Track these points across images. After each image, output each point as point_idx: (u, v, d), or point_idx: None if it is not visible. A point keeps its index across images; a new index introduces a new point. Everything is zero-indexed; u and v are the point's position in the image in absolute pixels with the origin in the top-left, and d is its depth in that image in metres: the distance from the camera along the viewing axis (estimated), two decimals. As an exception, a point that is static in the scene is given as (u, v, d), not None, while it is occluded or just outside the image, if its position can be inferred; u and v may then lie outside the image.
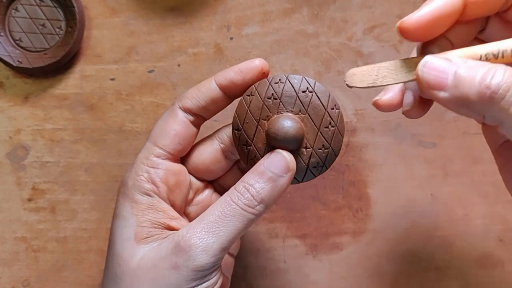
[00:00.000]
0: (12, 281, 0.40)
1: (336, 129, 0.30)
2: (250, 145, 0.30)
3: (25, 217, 0.40)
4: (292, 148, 0.29)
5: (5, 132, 0.41)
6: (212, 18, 0.41)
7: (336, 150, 0.30)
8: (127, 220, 0.29)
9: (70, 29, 0.40)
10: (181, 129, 0.30)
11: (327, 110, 0.30)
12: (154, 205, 0.29)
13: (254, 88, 0.30)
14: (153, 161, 0.30)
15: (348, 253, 0.41)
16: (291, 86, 0.30)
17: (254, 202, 0.27)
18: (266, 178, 0.27)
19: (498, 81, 0.22)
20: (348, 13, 0.41)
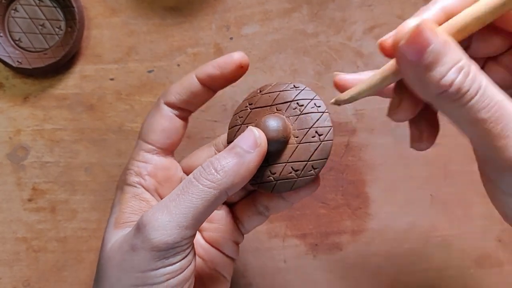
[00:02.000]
0: (12, 281, 0.40)
1: (323, 144, 0.29)
2: None
3: (25, 217, 0.41)
4: (274, 148, 0.29)
5: (5, 132, 0.41)
6: (211, 18, 0.41)
7: (317, 166, 0.29)
8: (114, 208, 0.31)
9: (69, 29, 0.40)
10: (168, 124, 0.31)
11: (315, 123, 0.29)
12: (139, 195, 0.30)
13: (246, 102, 0.31)
14: (143, 156, 0.31)
15: (347, 253, 0.41)
16: (282, 94, 0.30)
17: (216, 176, 0.26)
18: (233, 153, 0.27)
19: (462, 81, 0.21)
20: (347, 13, 0.41)
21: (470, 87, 0.21)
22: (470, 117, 0.22)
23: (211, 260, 0.33)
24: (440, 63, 0.21)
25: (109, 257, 0.27)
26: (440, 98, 0.22)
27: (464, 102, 0.21)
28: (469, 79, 0.21)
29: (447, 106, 0.22)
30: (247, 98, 0.31)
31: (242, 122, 0.31)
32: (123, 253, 0.26)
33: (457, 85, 0.21)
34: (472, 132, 0.23)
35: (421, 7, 0.25)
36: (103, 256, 0.28)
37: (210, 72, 0.30)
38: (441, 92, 0.21)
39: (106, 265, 0.27)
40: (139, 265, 0.26)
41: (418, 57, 0.21)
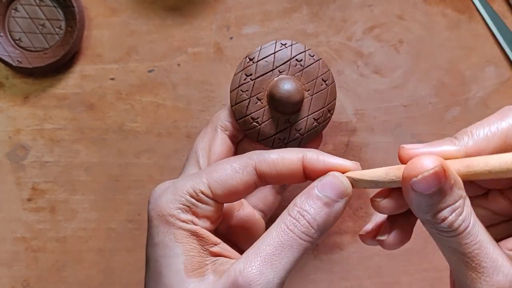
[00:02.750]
0: (11, 281, 0.40)
1: (330, 88, 0.32)
2: (259, 124, 0.31)
3: (25, 217, 0.40)
4: (295, 110, 0.31)
5: (4, 132, 0.41)
6: (212, 18, 0.41)
7: (331, 108, 0.32)
8: (171, 249, 0.26)
9: (70, 29, 0.40)
10: (245, 192, 0.28)
11: (318, 72, 0.32)
12: (197, 231, 0.27)
13: (239, 74, 0.32)
14: (200, 197, 0.27)
15: (348, 252, 0.41)
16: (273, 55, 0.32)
17: (311, 230, 0.25)
18: (321, 203, 0.25)
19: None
20: (347, 13, 0.41)
21: (459, 225, 0.23)
22: (452, 247, 0.24)
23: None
24: (442, 201, 0.23)
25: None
26: (430, 224, 0.24)
27: (450, 235, 0.23)
28: (461, 218, 0.23)
29: (434, 231, 0.24)
30: (241, 70, 0.32)
31: (249, 95, 0.31)
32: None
33: (449, 222, 0.23)
34: (451, 259, 0.25)
35: (440, 141, 0.27)
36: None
37: (319, 168, 0.28)
38: (433, 222, 0.24)
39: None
40: None
41: (426, 191, 0.23)
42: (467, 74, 0.41)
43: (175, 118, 0.41)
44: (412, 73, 0.41)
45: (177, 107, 0.41)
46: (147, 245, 0.28)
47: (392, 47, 0.41)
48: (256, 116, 0.32)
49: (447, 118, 0.41)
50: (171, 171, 0.41)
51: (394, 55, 0.41)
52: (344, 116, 0.41)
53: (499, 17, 0.41)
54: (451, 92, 0.41)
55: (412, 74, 0.41)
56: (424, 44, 0.41)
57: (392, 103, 0.41)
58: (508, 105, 0.28)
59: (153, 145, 0.41)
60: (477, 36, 0.41)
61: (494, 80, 0.41)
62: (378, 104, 0.41)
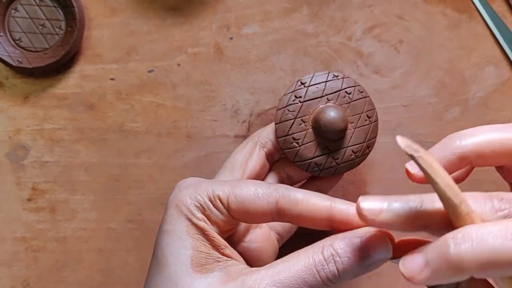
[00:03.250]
0: (11, 281, 0.40)
1: (373, 125, 0.33)
2: (299, 145, 0.32)
3: (25, 217, 0.40)
4: (338, 137, 0.32)
5: (4, 132, 0.41)
6: (212, 18, 0.41)
7: (371, 145, 0.34)
8: (182, 240, 0.27)
9: (70, 29, 0.40)
10: (259, 216, 0.28)
11: (365, 108, 0.33)
12: (208, 231, 0.27)
13: (287, 97, 0.33)
14: (217, 204, 0.28)
15: (348, 253, 0.40)
16: (326, 84, 0.33)
17: (336, 277, 0.25)
18: (359, 257, 0.25)
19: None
20: (347, 13, 0.41)
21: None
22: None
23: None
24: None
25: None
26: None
27: None
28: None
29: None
30: (292, 91, 0.33)
31: (295, 116, 0.32)
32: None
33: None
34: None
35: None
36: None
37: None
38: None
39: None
40: None
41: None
42: (467, 74, 0.41)
43: (175, 118, 0.41)
44: (412, 73, 0.41)
45: (177, 107, 0.41)
46: (158, 231, 0.29)
47: (392, 47, 0.41)
48: (298, 137, 0.32)
49: (447, 118, 0.41)
50: (171, 171, 0.41)
51: (394, 55, 0.41)
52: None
53: (499, 17, 0.41)
54: (451, 92, 0.41)
55: (412, 74, 0.41)
56: (424, 44, 0.41)
57: (392, 103, 0.41)
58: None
59: (153, 145, 0.41)
60: (477, 36, 0.41)
61: (494, 80, 0.41)
62: (378, 104, 0.41)
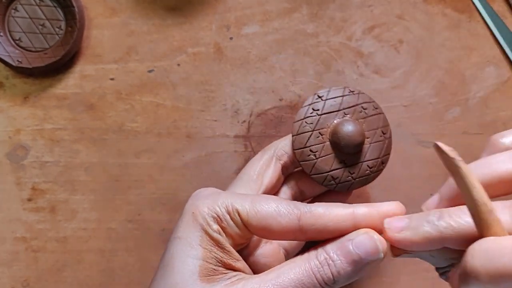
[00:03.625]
0: (11, 281, 0.40)
1: (388, 141, 0.34)
2: (316, 158, 0.32)
3: (25, 217, 0.40)
4: (355, 151, 0.32)
5: (4, 132, 0.41)
6: (212, 18, 0.41)
7: (385, 161, 0.34)
8: (193, 249, 0.27)
9: (70, 29, 0.40)
10: (279, 234, 0.28)
11: (380, 124, 0.34)
12: (222, 244, 0.27)
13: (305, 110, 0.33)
14: (234, 217, 0.28)
15: (348, 253, 0.40)
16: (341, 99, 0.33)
17: (331, 280, 0.26)
18: (350, 259, 0.26)
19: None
20: (347, 13, 0.41)
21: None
22: None
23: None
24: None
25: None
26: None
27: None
28: None
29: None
30: (309, 104, 0.33)
31: (312, 129, 0.33)
32: None
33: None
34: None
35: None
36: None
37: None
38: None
39: None
40: None
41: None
42: (467, 74, 0.41)
43: (175, 118, 0.41)
44: (412, 73, 0.41)
45: (177, 107, 0.41)
46: (171, 237, 0.29)
47: (392, 47, 0.41)
48: (315, 150, 0.33)
49: (447, 118, 0.41)
50: (171, 171, 0.41)
51: (394, 55, 0.41)
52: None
53: (499, 17, 0.41)
54: (451, 92, 0.41)
55: (412, 74, 0.41)
56: (424, 44, 0.41)
57: (392, 103, 0.41)
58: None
59: (153, 145, 0.41)
60: (477, 36, 0.41)
61: (494, 80, 0.41)
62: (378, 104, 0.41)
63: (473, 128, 0.41)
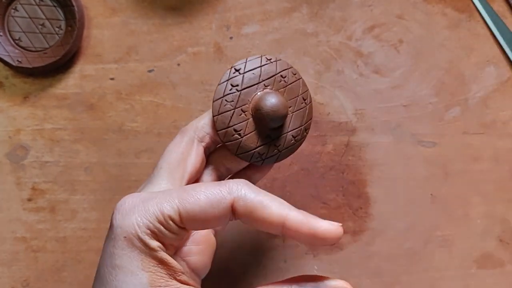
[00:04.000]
0: (11, 281, 0.40)
1: (309, 107, 0.33)
2: (241, 136, 0.31)
3: (25, 217, 0.40)
4: (280, 124, 0.31)
5: (4, 132, 0.41)
6: (212, 17, 0.41)
7: (307, 127, 0.33)
8: (137, 277, 0.25)
9: (69, 29, 0.40)
10: (215, 223, 0.26)
11: (300, 91, 0.32)
12: (166, 261, 0.25)
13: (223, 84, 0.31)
14: (169, 225, 0.25)
15: (348, 252, 0.41)
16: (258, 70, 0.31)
17: None
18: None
19: None
20: (347, 12, 0.41)
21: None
22: None
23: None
24: None
25: None
26: None
27: None
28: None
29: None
30: (227, 80, 0.31)
31: (234, 106, 0.31)
32: None
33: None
34: None
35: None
36: None
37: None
38: None
39: None
40: None
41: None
42: (467, 74, 0.41)
43: (175, 118, 0.41)
44: (412, 73, 0.41)
45: (177, 107, 0.41)
46: (103, 262, 0.26)
47: (392, 47, 0.41)
48: (239, 128, 0.31)
49: (447, 118, 0.41)
50: (171, 171, 0.41)
51: (394, 55, 0.41)
52: (344, 116, 0.41)
53: (499, 17, 0.41)
54: (451, 92, 0.41)
55: (412, 74, 0.41)
56: (424, 44, 0.41)
57: (392, 103, 0.41)
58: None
59: (153, 145, 0.41)
60: (477, 36, 0.41)
61: (494, 80, 0.41)
62: (378, 104, 0.41)
63: (473, 128, 0.41)
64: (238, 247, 0.40)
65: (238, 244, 0.40)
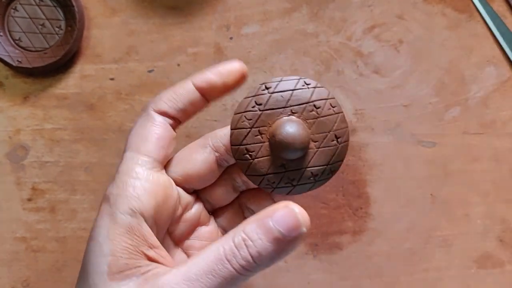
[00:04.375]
0: (11, 281, 0.40)
1: (341, 147, 0.28)
2: (252, 158, 0.28)
3: (25, 217, 0.40)
4: (295, 157, 0.28)
5: (4, 132, 0.41)
6: (211, 17, 0.41)
7: (334, 169, 0.29)
8: (101, 246, 0.25)
9: (69, 29, 0.40)
10: (163, 132, 0.27)
11: (334, 126, 0.28)
12: (134, 228, 0.25)
13: (248, 100, 0.28)
14: (138, 172, 0.26)
15: (348, 252, 0.41)
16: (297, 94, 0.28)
17: (252, 264, 0.23)
18: (271, 237, 0.23)
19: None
20: (347, 12, 0.41)
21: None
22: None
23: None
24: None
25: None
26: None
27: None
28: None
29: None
30: (253, 96, 0.28)
31: (251, 125, 0.28)
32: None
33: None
34: None
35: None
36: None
37: (211, 80, 0.28)
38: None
39: None
40: None
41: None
42: (467, 74, 0.41)
43: (175, 118, 0.41)
44: (412, 73, 0.41)
45: (177, 107, 0.41)
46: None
47: (392, 47, 0.41)
48: (252, 149, 0.28)
49: (447, 118, 0.41)
50: (171, 171, 0.41)
51: (394, 55, 0.41)
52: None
53: (499, 17, 0.41)
54: (451, 92, 0.41)
55: (412, 74, 0.41)
56: (424, 44, 0.41)
57: (392, 103, 0.41)
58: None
59: (153, 145, 0.41)
60: (477, 36, 0.41)
61: (494, 80, 0.41)
62: (378, 104, 0.41)
63: (473, 128, 0.41)
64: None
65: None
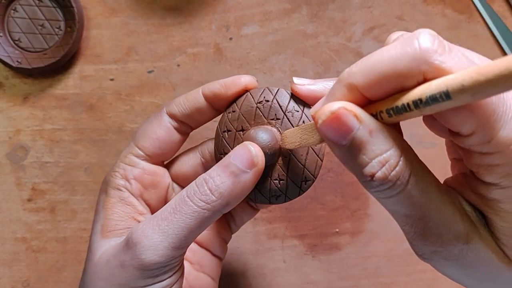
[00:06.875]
0: (12, 281, 0.40)
1: (315, 156, 0.28)
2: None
3: (25, 217, 0.41)
4: (268, 162, 0.27)
5: (4, 132, 0.41)
6: (211, 18, 0.41)
7: (309, 177, 0.28)
8: (98, 214, 0.29)
9: (69, 29, 0.40)
10: (163, 134, 0.30)
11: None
12: (124, 199, 0.29)
13: (235, 104, 0.29)
14: (130, 159, 0.30)
15: (346, 253, 0.41)
16: (276, 103, 0.28)
17: (211, 197, 0.25)
18: (228, 172, 0.25)
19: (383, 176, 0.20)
20: (347, 13, 0.41)
21: (393, 183, 0.20)
22: (391, 208, 0.21)
23: (199, 262, 0.32)
24: (363, 151, 0.20)
25: (96, 270, 0.27)
26: (365, 183, 0.21)
27: (385, 196, 0.20)
28: (394, 174, 0.20)
29: (372, 193, 0.21)
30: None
31: (234, 130, 0.29)
32: (112, 268, 0.26)
33: (379, 179, 0.20)
34: (395, 216, 0.22)
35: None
36: (90, 267, 0.27)
37: (216, 90, 0.29)
38: (364, 180, 0.20)
39: (93, 277, 0.27)
40: (127, 281, 0.25)
41: (339, 140, 0.20)
42: (467, 75, 0.41)
43: (175, 118, 0.41)
44: (411, 74, 0.41)
45: (176, 108, 0.41)
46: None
47: (391, 48, 0.41)
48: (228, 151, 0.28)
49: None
50: (170, 172, 0.41)
51: (394, 56, 0.41)
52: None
53: (499, 17, 0.41)
54: (450, 93, 0.41)
55: (411, 75, 0.41)
56: (424, 45, 0.41)
57: (392, 104, 0.41)
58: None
59: (153, 145, 0.41)
60: (477, 36, 0.41)
61: (494, 81, 0.41)
62: (377, 105, 0.41)
63: (472, 129, 0.41)
64: (238, 247, 0.41)
65: (238, 244, 0.41)
